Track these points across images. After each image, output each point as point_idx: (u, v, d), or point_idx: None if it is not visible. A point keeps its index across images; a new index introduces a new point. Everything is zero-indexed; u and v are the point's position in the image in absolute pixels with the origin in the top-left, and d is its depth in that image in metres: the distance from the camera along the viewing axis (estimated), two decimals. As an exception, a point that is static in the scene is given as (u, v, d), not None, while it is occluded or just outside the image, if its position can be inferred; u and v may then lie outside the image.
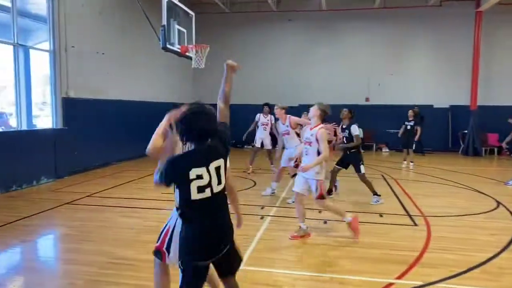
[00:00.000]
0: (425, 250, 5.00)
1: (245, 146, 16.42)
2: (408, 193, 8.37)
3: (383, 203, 7.42)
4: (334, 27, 17.39)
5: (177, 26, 8.34)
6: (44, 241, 5.80)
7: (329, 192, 7.68)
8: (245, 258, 4.63)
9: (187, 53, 8.60)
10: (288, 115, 7.96)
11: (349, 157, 7.51)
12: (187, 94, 16.65)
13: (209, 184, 2.49)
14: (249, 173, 10.53)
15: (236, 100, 12.15)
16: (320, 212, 6.71)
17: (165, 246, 2.95)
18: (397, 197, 8.03)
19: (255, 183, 9.34)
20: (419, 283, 4.02)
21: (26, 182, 8.72)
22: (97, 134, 11.03)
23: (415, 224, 6.16)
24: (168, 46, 7.88)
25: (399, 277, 4.16)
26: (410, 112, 12.45)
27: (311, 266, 4.57)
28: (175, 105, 2.79)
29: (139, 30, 12.33)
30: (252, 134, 11.03)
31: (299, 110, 10.75)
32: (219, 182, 2.56)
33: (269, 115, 10.85)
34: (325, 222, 6.19)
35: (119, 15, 12.36)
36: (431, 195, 8.45)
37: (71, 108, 10.21)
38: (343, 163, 7.64)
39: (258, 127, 10.90)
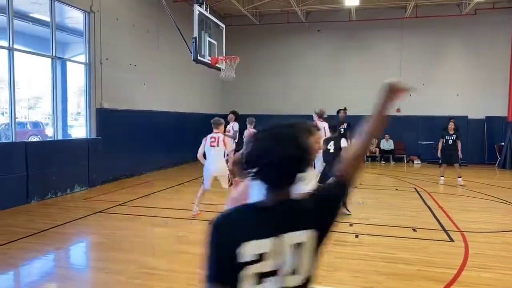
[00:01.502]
0: (463, 267, 4.78)
1: None
2: (443, 207, 8.08)
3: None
4: (363, 37, 17.18)
5: (208, 38, 8.46)
6: (77, 248, 5.92)
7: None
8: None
9: (217, 64, 8.70)
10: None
11: None
12: (216, 105, 16.81)
13: (276, 272, 1.34)
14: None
15: (265, 111, 12.26)
16: (351, 225, 6.57)
17: None
18: (431, 211, 7.75)
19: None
20: (458, 302, 3.84)
21: (60, 191, 8.97)
22: (129, 144, 11.27)
23: (452, 240, 5.92)
24: (199, 57, 8.00)
25: (435, 296, 3.99)
26: (451, 125, 11.35)
27: (342, 281, 4.44)
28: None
29: (170, 42, 12.59)
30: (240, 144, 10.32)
31: (327, 120, 10.59)
32: (296, 271, 1.37)
33: (232, 123, 10.28)
34: (356, 236, 6.04)
35: (151, 28, 12.66)
36: (467, 209, 8.11)
37: (104, 118, 10.49)
38: None
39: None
